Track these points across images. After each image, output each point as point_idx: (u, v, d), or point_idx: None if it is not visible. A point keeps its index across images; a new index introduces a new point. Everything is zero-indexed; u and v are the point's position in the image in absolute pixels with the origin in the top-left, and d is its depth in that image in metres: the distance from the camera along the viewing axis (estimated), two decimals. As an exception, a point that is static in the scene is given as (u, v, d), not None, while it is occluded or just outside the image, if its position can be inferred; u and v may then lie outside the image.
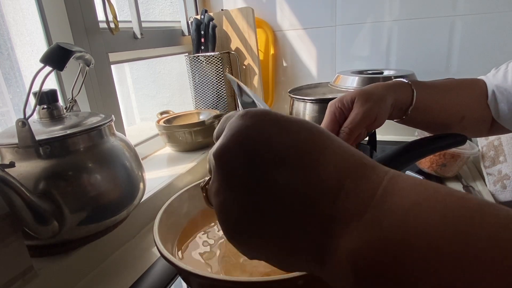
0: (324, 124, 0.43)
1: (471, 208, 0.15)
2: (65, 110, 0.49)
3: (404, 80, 0.46)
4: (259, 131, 0.20)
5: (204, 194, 0.25)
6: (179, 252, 0.45)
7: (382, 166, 0.19)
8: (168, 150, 0.87)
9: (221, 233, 0.49)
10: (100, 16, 0.69)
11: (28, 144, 0.40)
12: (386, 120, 0.44)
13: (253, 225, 0.20)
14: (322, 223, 0.18)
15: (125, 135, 0.54)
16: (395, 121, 0.48)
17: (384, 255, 0.16)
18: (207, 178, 0.24)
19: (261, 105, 0.38)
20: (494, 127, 0.50)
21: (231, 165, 0.20)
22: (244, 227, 0.20)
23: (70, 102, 0.54)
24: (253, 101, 0.39)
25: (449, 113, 0.47)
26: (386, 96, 0.43)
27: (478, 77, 0.51)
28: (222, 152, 0.20)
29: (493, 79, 0.48)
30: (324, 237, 0.18)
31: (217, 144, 0.21)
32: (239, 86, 0.40)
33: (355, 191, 0.18)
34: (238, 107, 0.42)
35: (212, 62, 0.95)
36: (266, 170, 0.19)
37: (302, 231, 0.19)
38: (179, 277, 0.46)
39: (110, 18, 0.68)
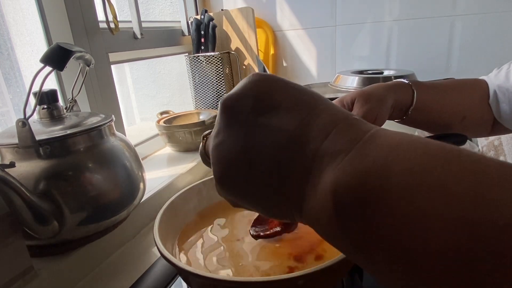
0: None
1: (448, 149, 0.16)
2: (65, 110, 0.49)
3: (404, 80, 0.46)
4: (263, 84, 0.22)
5: (203, 142, 0.26)
6: (179, 252, 0.45)
7: (371, 124, 0.21)
8: (168, 150, 0.87)
9: (221, 233, 0.49)
10: (100, 16, 0.69)
11: (28, 144, 0.40)
12: (387, 120, 0.44)
13: (243, 164, 0.21)
14: (310, 158, 0.19)
15: (125, 135, 0.54)
16: (395, 121, 0.48)
17: (365, 182, 0.16)
18: (210, 130, 0.26)
19: None
20: (495, 127, 0.50)
21: (233, 109, 0.22)
22: (235, 167, 0.22)
23: (70, 102, 0.54)
24: None
25: (450, 114, 0.47)
26: (386, 96, 0.43)
27: (480, 77, 0.51)
28: (228, 98, 0.22)
29: (494, 79, 0.48)
30: (311, 171, 0.19)
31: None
32: (264, 69, 0.40)
33: (345, 133, 0.19)
34: None
35: (212, 62, 0.95)
36: (264, 114, 0.21)
37: (291, 168, 0.20)
38: (179, 277, 0.46)
39: (110, 18, 0.68)
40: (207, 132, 0.26)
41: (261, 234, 0.43)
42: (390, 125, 0.49)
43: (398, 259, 0.15)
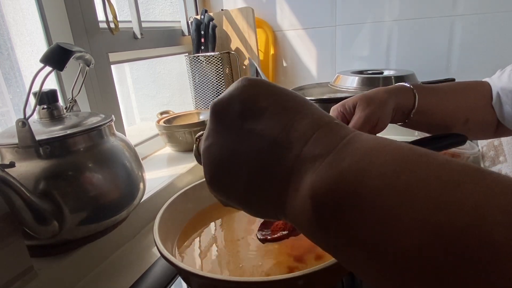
0: None
1: (418, 153, 0.17)
2: (65, 110, 0.49)
3: (406, 84, 0.46)
4: (250, 90, 0.23)
5: (196, 143, 0.28)
6: (179, 252, 0.45)
7: (351, 128, 0.22)
8: (168, 150, 0.87)
9: (221, 233, 0.49)
10: (100, 16, 0.69)
11: (28, 144, 0.40)
12: (389, 124, 0.44)
13: (230, 167, 0.23)
14: (292, 163, 0.20)
15: (125, 135, 0.54)
16: (398, 124, 0.48)
17: (340, 187, 0.18)
18: (203, 131, 0.27)
19: None
20: (499, 129, 0.50)
21: (221, 114, 0.23)
22: (223, 169, 0.23)
23: (70, 102, 0.54)
24: None
25: (452, 116, 0.47)
26: (388, 100, 0.43)
27: (483, 79, 0.51)
28: (216, 103, 0.24)
29: (498, 81, 0.48)
30: (292, 175, 0.20)
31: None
32: (257, 71, 0.40)
33: (324, 138, 0.20)
34: None
35: (212, 62, 0.95)
36: (250, 119, 0.22)
37: (274, 172, 0.21)
38: (179, 277, 0.46)
39: (110, 18, 0.68)
40: (200, 133, 0.27)
41: (268, 237, 0.43)
42: (392, 128, 0.49)
43: (374, 259, 0.16)
